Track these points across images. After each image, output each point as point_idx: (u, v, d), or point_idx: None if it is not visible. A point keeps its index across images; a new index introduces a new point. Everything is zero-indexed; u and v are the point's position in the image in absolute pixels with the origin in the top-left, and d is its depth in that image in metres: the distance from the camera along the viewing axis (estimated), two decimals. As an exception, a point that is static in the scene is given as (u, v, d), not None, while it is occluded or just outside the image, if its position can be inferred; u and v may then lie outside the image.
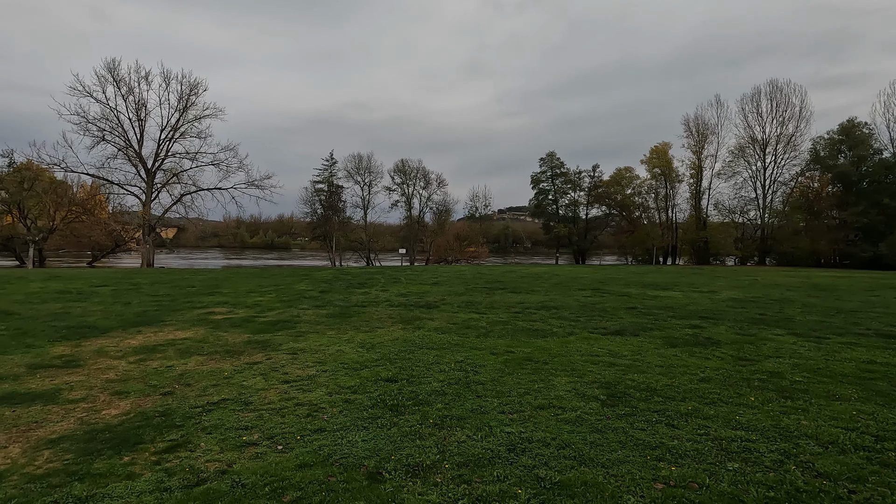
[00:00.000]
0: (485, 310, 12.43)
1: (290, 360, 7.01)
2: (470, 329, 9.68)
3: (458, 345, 8.17)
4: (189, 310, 11.77)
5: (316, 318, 10.72)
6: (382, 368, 6.52)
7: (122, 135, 38.02)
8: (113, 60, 37.34)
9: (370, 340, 8.43)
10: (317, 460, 3.67)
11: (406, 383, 5.79)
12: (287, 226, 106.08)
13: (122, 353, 7.36)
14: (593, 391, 5.58)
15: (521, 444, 3.95)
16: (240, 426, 4.42)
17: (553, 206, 61.03)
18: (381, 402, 5.05)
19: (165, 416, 4.66)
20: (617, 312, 12.27)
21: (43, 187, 38.57)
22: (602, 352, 7.81)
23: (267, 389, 5.58)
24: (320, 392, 5.49)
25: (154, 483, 3.33)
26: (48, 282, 18.17)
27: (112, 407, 4.96)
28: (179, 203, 40.00)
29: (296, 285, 18.11)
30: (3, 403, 5.01)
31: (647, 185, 55.01)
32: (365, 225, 51.64)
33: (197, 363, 6.80)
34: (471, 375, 6.20)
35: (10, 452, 3.86)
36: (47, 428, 4.39)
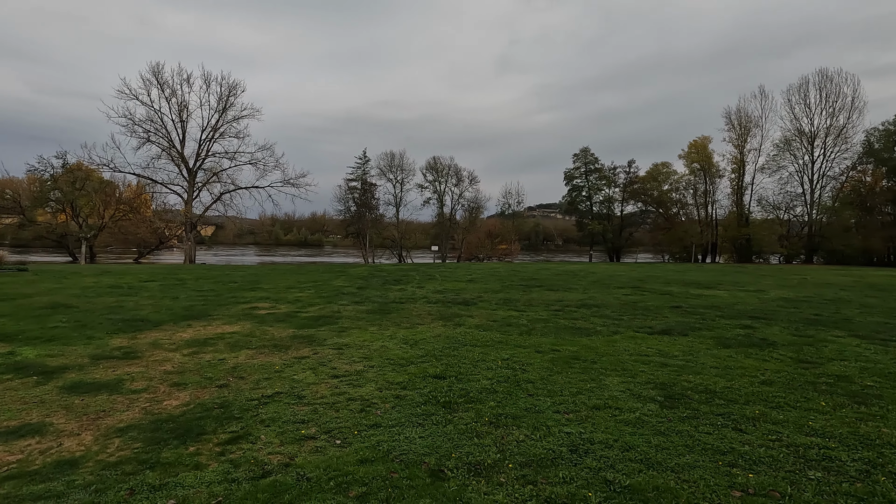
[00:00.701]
0: (523, 307, 12.29)
1: (336, 355, 7.08)
2: (511, 327, 9.57)
3: (501, 342, 8.08)
4: (233, 305, 12.07)
5: (356, 314, 10.81)
6: (429, 365, 6.49)
7: (166, 136, 39.50)
8: (157, 64, 38.87)
9: (412, 337, 8.43)
10: (377, 456, 3.66)
11: (455, 380, 5.75)
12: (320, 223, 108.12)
13: (175, 345, 7.59)
14: (649, 392, 5.39)
15: (583, 446, 3.84)
16: (296, 420, 4.46)
17: (587, 202, 59.96)
18: (433, 399, 5.02)
19: (224, 409, 4.76)
20: (661, 311, 11.92)
21: (93, 187, 40.48)
22: (651, 351, 7.58)
23: (318, 384, 5.64)
24: (370, 387, 5.50)
25: (221, 474, 3.38)
26: (100, 277, 19.02)
27: (172, 398, 5.10)
28: (219, 201, 41.28)
29: (333, 282, 18.37)
30: (72, 392, 5.23)
31: (685, 181, 53.42)
32: (397, 222, 52.02)
33: (247, 357, 6.94)
34: (519, 374, 6.10)
35: (83, 440, 4.01)
36: (115, 417, 4.54)
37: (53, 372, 5.97)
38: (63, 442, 3.97)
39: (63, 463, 3.57)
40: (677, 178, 53.94)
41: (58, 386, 5.43)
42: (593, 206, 59.52)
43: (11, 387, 5.39)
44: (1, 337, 7.88)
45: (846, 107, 45.60)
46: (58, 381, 5.58)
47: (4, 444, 3.92)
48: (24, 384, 5.49)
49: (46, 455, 3.72)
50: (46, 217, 43.66)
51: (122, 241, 47.36)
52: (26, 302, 11.73)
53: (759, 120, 48.79)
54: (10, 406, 4.78)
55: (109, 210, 42.31)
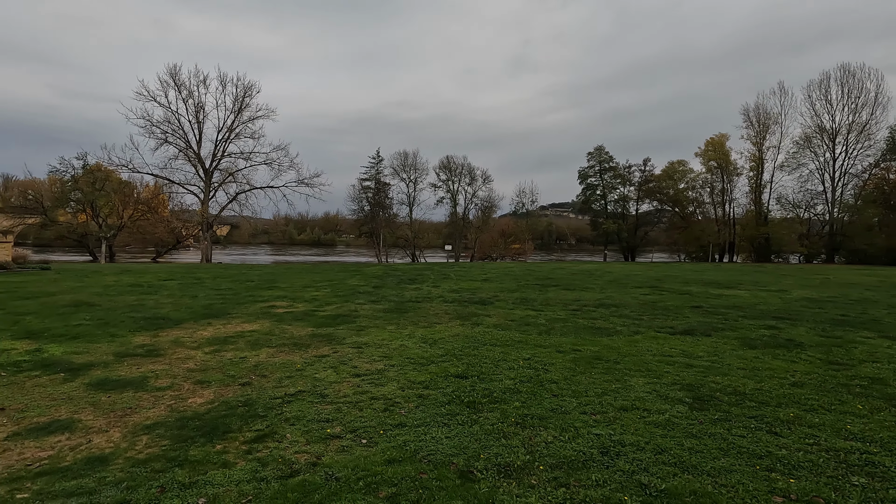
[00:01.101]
0: (541, 307, 12.18)
1: (356, 353, 7.06)
2: (529, 326, 9.48)
3: (521, 342, 8.00)
4: (251, 303, 12.16)
5: (373, 313, 10.81)
6: (450, 364, 6.44)
7: (183, 136, 40.06)
8: (174, 66, 39.44)
9: (431, 336, 8.39)
10: (404, 456, 3.62)
11: (477, 380, 5.69)
12: (332, 223, 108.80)
13: (196, 343, 7.64)
14: (676, 393, 5.28)
15: (614, 448, 3.75)
16: (321, 419, 4.44)
17: (601, 201, 59.39)
18: (457, 399, 4.97)
19: (248, 407, 4.76)
20: (681, 311, 11.74)
21: (112, 187, 41.18)
22: (675, 352, 7.44)
23: (340, 382, 5.62)
24: (392, 386, 5.47)
25: (250, 472, 3.37)
26: (120, 275, 19.32)
27: (197, 396, 5.12)
28: (235, 201, 41.72)
29: (348, 281, 18.43)
30: (99, 389, 5.28)
31: (701, 179, 52.64)
32: (410, 222, 52.07)
33: (268, 355, 6.96)
34: (542, 374, 6.02)
35: (112, 436, 4.03)
36: (141, 414, 4.57)
37: (80, 369, 6.04)
38: (92, 438, 3.99)
39: (93, 459, 3.59)
40: (693, 177, 53.20)
41: (84, 383, 5.49)
42: (608, 205, 58.95)
43: (40, 383, 5.46)
44: (28, 334, 8.01)
45: (869, 102, 44.54)
46: (84, 378, 5.65)
47: (35, 440, 3.96)
48: (51, 381, 5.56)
49: (77, 451, 3.75)
50: (67, 217, 44.55)
51: (140, 241, 48.14)
52: (50, 300, 11.94)
53: (778, 117, 47.89)
54: (40, 402, 4.84)
55: (128, 210, 43.02)
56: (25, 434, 4.07)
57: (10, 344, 7.31)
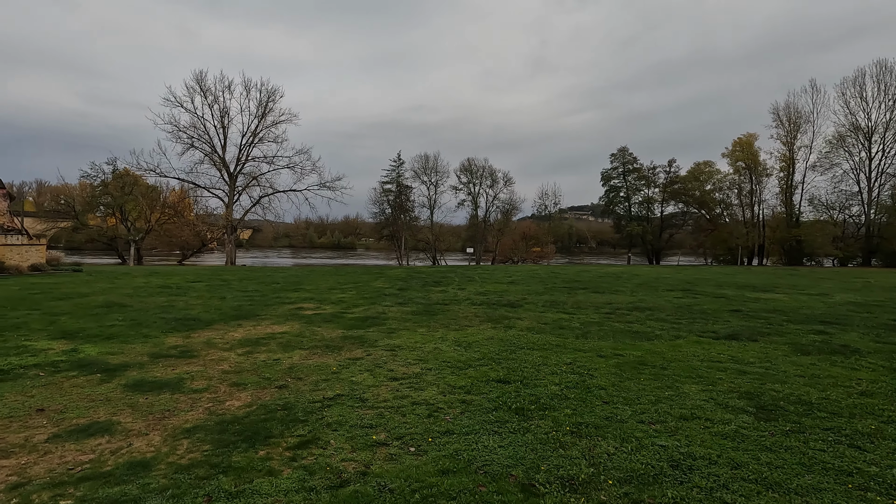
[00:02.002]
0: (572, 310, 11.85)
1: (390, 356, 6.88)
2: (564, 330, 9.18)
3: (559, 346, 7.71)
4: (279, 305, 12.11)
5: (402, 316, 10.64)
6: (489, 368, 6.21)
7: (208, 141, 40.69)
8: (201, 72, 40.15)
9: (464, 339, 8.17)
10: (458, 466, 3.40)
11: (521, 385, 5.44)
12: (352, 226, 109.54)
13: (229, 345, 7.56)
14: (735, 402, 4.94)
15: (685, 461, 3.47)
16: (364, 424, 4.25)
17: (625, 203, 58.27)
18: (503, 405, 4.73)
19: (287, 410, 4.60)
20: (720, 315, 11.28)
21: (140, 191, 42.09)
22: (723, 358, 7.07)
23: (377, 386, 5.43)
24: (432, 391, 5.26)
25: (297, 481, 3.19)
26: (149, 277, 19.60)
27: (234, 398, 4.99)
28: (258, 205, 42.18)
29: (373, 283, 18.34)
30: (136, 390, 5.19)
31: (729, 180, 51.19)
32: (431, 225, 51.92)
33: (301, 357, 6.82)
34: (587, 379, 5.74)
35: (152, 440, 3.91)
36: (179, 417, 4.45)
37: (115, 370, 5.98)
38: (132, 442, 3.87)
39: (135, 464, 3.46)
40: (721, 178, 51.76)
41: (121, 384, 5.42)
42: (631, 207, 57.81)
43: (77, 384, 5.41)
44: (63, 334, 8.05)
45: (907, 99, 42.78)
46: (121, 379, 5.58)
47: (76, 442, 3.86)
48: (88, 381, 5.50)
49: (118, 455, 3.62)
50: (97, 221, 45.73)
51: (167, 244, 49.06)
52: (83, 301, 12.09)
53: (809, 115, 46.36)
54: (78, 403, 4.76)
55: (155, 214, 43.90)
56: (66, 436, 3.97)
57: (47, 344, 7.34)
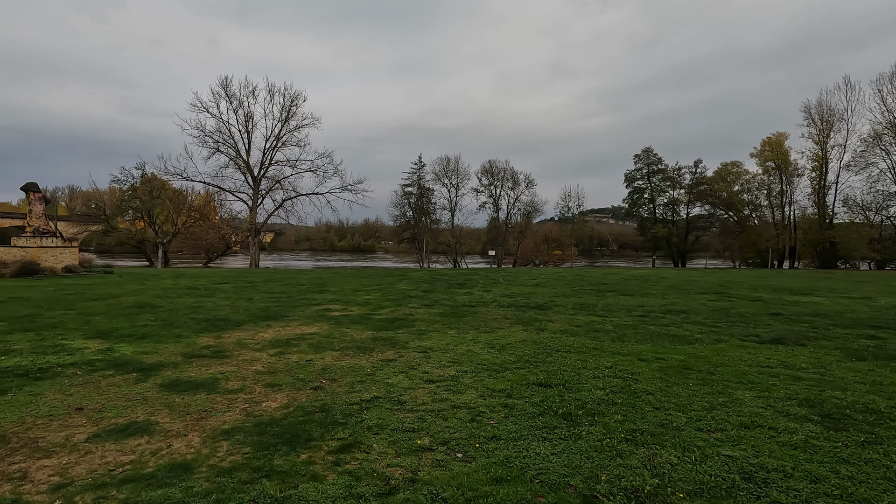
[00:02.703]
0: (603, 312, 11.54)
1: (423, 358, 6.72)
2: (598, 332, 8.90)
3: (596, 349, 7.45)
4: (306, 306, 12.08)
5: (430, 317, 10.48)
6: (527, 371, 5.99)
7: (233, 146, 41.33)
8: (226, 78, 41.01)
9: (497, 341, 7.96)
10: (511, 474, 3.20)
11: (563, 389, 5.21)
12: (372, 230, 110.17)
13: (260, 346, 7.50)
14: (796, 409, 4.63)
15: (757, 473, 3.21)
16: (405, 428, 4.09)
17: (649, 205, 57.03)
18: (549, 410, 4.51)
19: (325, 413, 4.47)
20: (760, 319, 10.84)
21: (168, 195, 42.99)
22: (772, 363, 6.72)
23: (414, 389, 5.27)
24: (471, 394, 5.07)
25: (344, 487, 3.03)
26: (177, 279, 19.89)
27: (270, 399, 4.89)
28: (281, 208, 42.62)
29: (396, 285, 18.25)
30: (172, 390, 5.14)
31: (758, 181, 49.68)
32: (452, 227, 51.73)
33: (333, 358, 6.71)
34: (632, 384, 5.48)
35: (191, 441, 3.81)
36: (217, 417, 4.35)
37: (150, 369, 5.96)
38: (172, 443, 3.78)
39: (176, 466, 3.35)
40: (749, 178, 50.28)
41: (157, 383, 5.37)
42: (656, 208, 56.55)
43: (114, 383, 5.38)
44: (98, 333, 8.12)
45: (948, 96, 40.92)
46: (156, 379, 5.54)
47: (115, 442, 3.78)
48: (125, 380, 5.47)
49: (158, 457, 3.53)
50: (126, 224, 46.87)
51: (192, 247, 49.94)
52: (116, 301, 12.26)
53: (843, 113, 44.64)
54: (116, 403, 4.72)
55: (182, 217, 44.79)
56: (105, 436, 3.90)
57: (83, 343, 7.39)
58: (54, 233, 22.96)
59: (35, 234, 21.99)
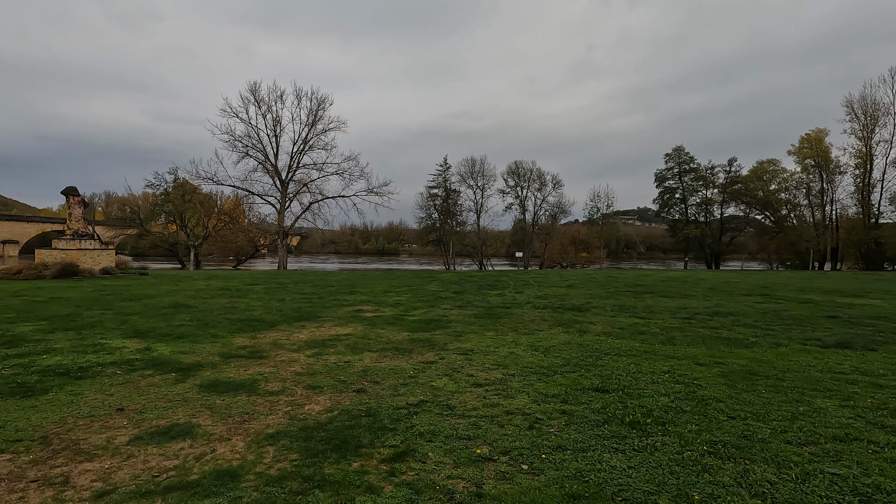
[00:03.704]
0: (645, 314, 11.03)
1: (465, 361, 6.42)
2: (645, 335, 8.45)
3: (647, 352, 7.02)
4: (338, 307, 11.94)
5: (465, 319, 10.18)
6: (578, 375, 5.63)
7: (262, 150, 41.89)
8: (255, 83, 41.49)
9: (539, 343, 7.61)
10: (588, 490, 2.87)
11: (623, 395, 4.84)
12: (396, 233, 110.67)
13: (296, 346, 7.33)
14: (890, 420, 4.15)
15: (877, 496, 2.79)
16: (460, 435, 3.80)
17: (680, 205, 55.37)
18: (613, 417, 4.15)
19: (372, 417, 4.21)
20: (816, 321, 10.18)
21: (199, 199, 43.90)
22: (845, 368, 6.19)
23: (461, 392, 4.98)
24: (524, 399, 4.75)
25: (404, 501, 2.76)
26: (209, 280, 20.11)
27: (313, 402, 4.66)
28: (308, 211, 43.01)
29: (426, 286, 18.02)
30: (212, 391, 4.97)
31: (796, 179, 47.78)
32: (478, 229, 51.30)
33: (372, 360, 6.48)
34: (697, 390, 5.06)
35: (235, 446, 3.60)
36: (260, 421, 4.14)
37: (189, 369, 5.82)
38: (216, 447, 3.58)
39: (222, 473, 3.14)
40: (787, 177, 48.38)
41: (196, 384, 5.22)
42: (688, 209, 54.86)
43: (154, 382, 5.25)
44: (136, 333, 8.09)
45: None
46: (196, 379, 5.39)
47: (158, 446, 3.60)
48: (164, 381, 5.34)
49: (202, 462, 3.33)
50: (159, 228, 48.09)
51: (222, 249, 50.88)
52: (151, 302, 12.35)
53: (889, 107, 42.55)
54: (157, 403, 4.57)
55: (212, 220, 45.68)
56: (147, 438, 3.73)
57: (122, 342, 7.35)
58: (92, 235, 23.56)
59: (74, 236, 22.60)
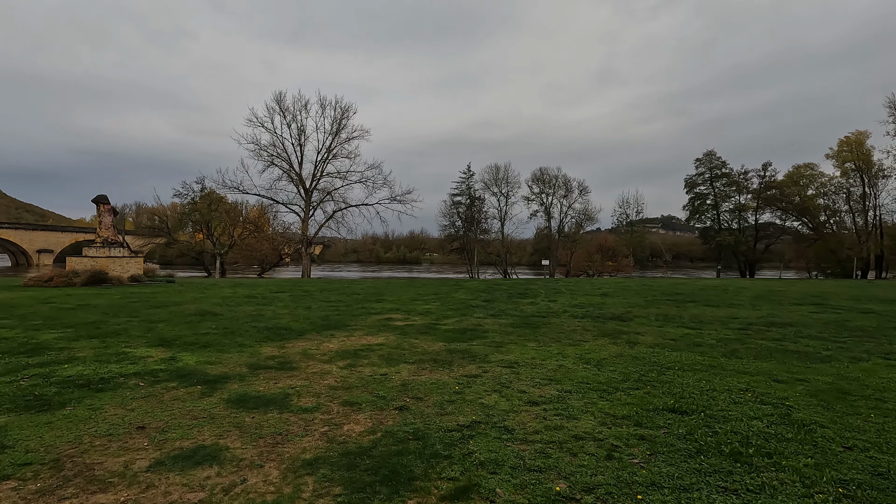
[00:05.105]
0: (694, 324, 10.26)
1: (512, 374, 5.84)
2: (702, 347, 7.73)
3: (712, 366, 6.32)
4: (366, 315, 11.48)
5: (501, 328, 9.59)
6: (645, 393, 4.99)
7: (286, 159, 42.17)
8: (280, 93, 41.99)
9: (588, 355, 6.98)
10: (712, 548, 2.26)
11: (707, 418, 4.19)
12: (417, 241, 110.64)
13: (327, 357, 6.86)
14: None
15: None
16: (528, 466, 3.22)
17: (712, 211, 53.48)
18: (706, 446, 3.52)
19: (420, 441, 3.67)
20: (888, 333, 9.31)
21: (225, 209, 44.40)
22: (953, 388, 5.37)
23: (517, 412, 4.40)
24: (590, 421, 4.14)
25: (480, 558, 2.20)
26: (235, 288, 19.97)
27: (351, 422, 4.15)
28: (332, 219, 43.02)
29: (454, 294, 17.47)
30: (240, 406, 4.51)
31: (835, 184, 45.75)
32: (503, 237, 50.52)
33: (410, 372, 5.95)
34: (791, 412, 4.38)
35: (269, 475, 3.10)
36: (295, 444, 3.64)
37: (216, 381, 5.39)
38: (247, 476, 3.08)
39: (255, 511, 2.63)
40: (825, 181, 46.38)
41: (223, 398, 4.77)
42: (720, 215, 52.94)
43: (178, 396, 4.82)
44: (161, 341, 7.75)
45: None
46: (222, 393, 4.94)
47: (181, 473, 3.13)
48: (189, 394, 4.91)
49: (232, 496, 2.83)
50: (186, 237, 48.81)
51: (246, 258, 51.34)
52: (178, 309, 12.11)
53: (935, 108, 40.48)
54: (181, 421, 4.11)
55: (237, 229, 46.14)
56: (170, 464, 3.26)
57: (146, 351, 7.00)
58: (122, 243, 23.78)
59: (104, 244, 22.82)
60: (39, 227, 73.10)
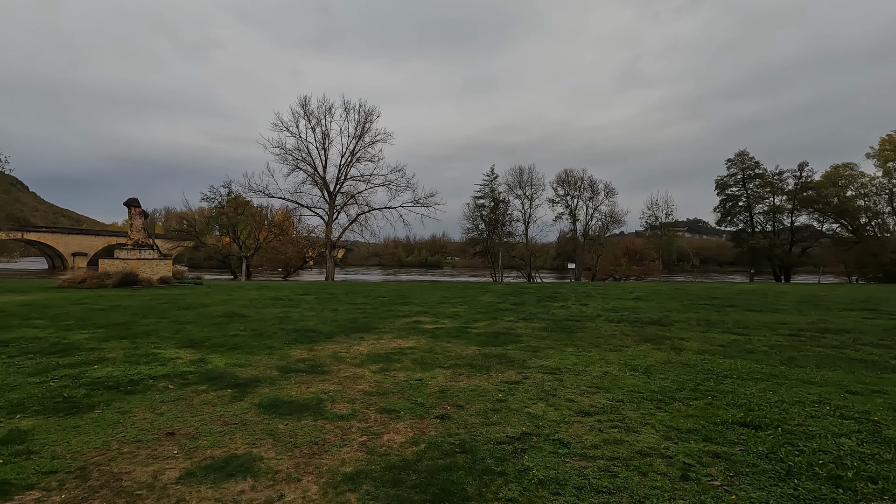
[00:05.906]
0: (740, 330, 9.69)
1: (555, 381, 5.47)
2: (755, 354, 7.23)
3: (773, 375, 5.83)
4: (393, 318, 11.23)
5: (534, 332, 9.20)
6: (706, 404, 4.57)
7: (311, 163, 42.53)
8: (305, 98, 42.39)
9: (633, 362, 6.55)
10: None
11: (786, 433, 3.75)
12: (439, 245, 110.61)
13: (358, 360, 6.60)
14: None
15: None
16: (594, 486, 2.87)
17: (745, 213, 51.57)
18: (798, 468, 3.10)
19: (469, 454, 3.35)
20: (958, 341, 8.55)
21: (251, 212, 44.99)
22: None
23: (568, 423, 4.04)
24: (651, 435, 3.76)
25: None
26: (261, 290, 20.01)
27: (391, 431, 3.86)
28: (355, 222, 43.14)
29: (480, 297, 17.12)
30: (272, 412, 4.26)
31: (877, 185, 43.70)
32: (527, 240, 49.83)
33: (446, 378, 5.64)
34: (879, 428, 3.91)
35: (307, 490, 2.82)
36: (333, 455, 3.37)
37: (246, 385, 5.17)
38: (284, 491, 2.81)
39: (295, 534, 2.35)
40: (866, 182, 44.34)
41: (254, 403, 4.54)
42: (753, 217, 51.03)
43: (208, 400, 4.61)
44: (190, 343, 7.63)
45: None
46: (253, 398, 4.71)
47: (213, 486, 2.88)
48: (219, 398, 4.69)
49: (269, 514, 2.56)
50: (213, 240, 49.65)
51: (270, 261, 51.92)
52: (206, 311, 12.08)
53: None
54: (212, 427, 3.89)
55: (263, 232, 46.69)
56: (200, 475, 3.02)
57: (175, 353, 6.86)
58: (152, 245, 24.18)
59: (135, 246, 23.23)
60: (74, 231, 75.53)
